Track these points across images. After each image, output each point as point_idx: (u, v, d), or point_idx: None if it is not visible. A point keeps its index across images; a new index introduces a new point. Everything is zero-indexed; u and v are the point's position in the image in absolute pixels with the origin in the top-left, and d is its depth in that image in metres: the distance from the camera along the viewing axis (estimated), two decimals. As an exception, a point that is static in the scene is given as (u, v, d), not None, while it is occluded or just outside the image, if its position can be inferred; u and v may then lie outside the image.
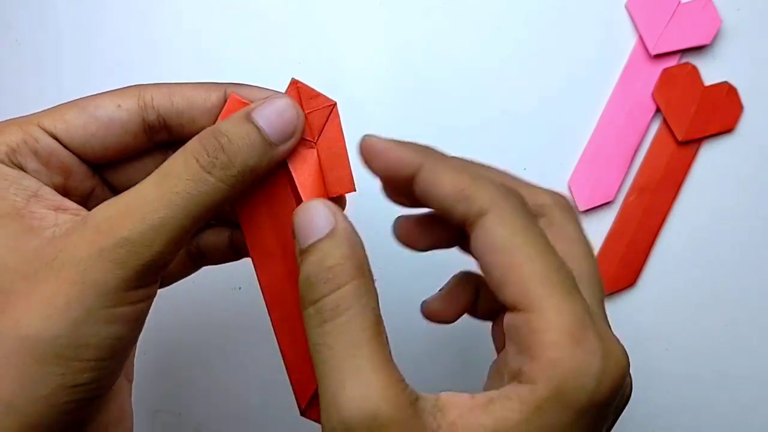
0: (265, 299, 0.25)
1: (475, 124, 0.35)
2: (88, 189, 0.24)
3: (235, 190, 0.21)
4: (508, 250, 0.20)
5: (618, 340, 0.20)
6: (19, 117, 0.23)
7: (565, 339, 0.19)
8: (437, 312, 0.25)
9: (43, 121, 0.22)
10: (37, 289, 0.20)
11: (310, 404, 0.25)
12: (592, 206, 0.35)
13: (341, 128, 0.25)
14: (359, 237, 0.21)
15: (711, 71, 0.35)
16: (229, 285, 0.35)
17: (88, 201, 0.24)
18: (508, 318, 0.20)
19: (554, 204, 0.22)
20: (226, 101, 0.23)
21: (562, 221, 0.22)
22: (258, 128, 0.22)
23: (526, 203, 0.21)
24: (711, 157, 0.36)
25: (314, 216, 0.21)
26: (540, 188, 0.23)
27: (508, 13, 0.36)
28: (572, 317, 0.19)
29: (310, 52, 0.35)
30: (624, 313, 0.35)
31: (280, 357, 0.34)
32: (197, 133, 0.22)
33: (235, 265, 0.34)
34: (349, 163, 0.24)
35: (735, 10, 0.36)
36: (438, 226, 0.23)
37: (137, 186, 0.21)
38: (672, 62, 0.35)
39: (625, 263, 0.35)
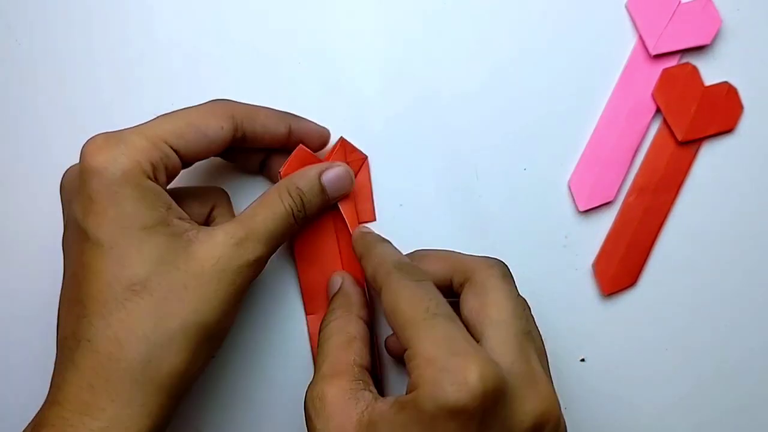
0: (302, 293, 0.34)
1: (474, 124, 0.35)
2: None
3: (300, 224, 0.31)
4: (391, 313, 0.26)
5: (491, 365, 0.24)
6: (140, 126, 0.28)
7: (424, 362, 0.24)
8: (392, 348, 0.33)
9: (170, 139, 0.28)
10: (202, 287, 0.27)
11: None
12: (592, 206, 0.35)
13: (369, 175, 0.35)
14: (361, 289, 0.33)
15: (711, 71, 0.35)
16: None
17: None
18: (405, 358, 0.25)
19: (480, 268, 0.28)
20: (290, 131, 0.32)
21: (484, 280, 0.28)
22: (323, 188, 0.31)
23: (417, 275, 0.28)
24: (711, 157, 0.36)
25: (333, 281, 0.33)
26: (475, 258, 0.29)
27: (509, 13, 0.36)
28: (429, 345, 0.24)
29: (310, 52, 0.35)
30: (624, 313, 0.35)
31: (281, 357, 0.34)
32: (264, 147, 0.32)
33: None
34: (372, 200, 0.35)
35: (735, 10, 0.36)
36: None
37: (248, 211, 0.30)
38: (672, 62, 0.35)
39: (625, 263, 0.35)
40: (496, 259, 0.29)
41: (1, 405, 0.35)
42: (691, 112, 0.35)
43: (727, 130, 0.36)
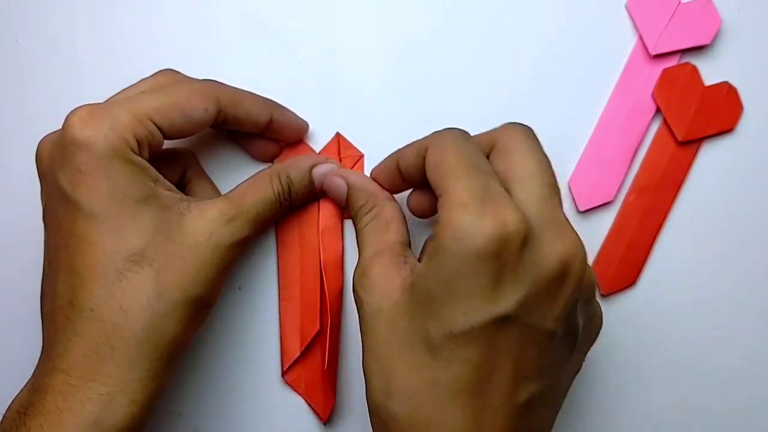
0: (279, 280, 0.35)
1: (474, 124, 0.35)
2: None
3: (285, 211, 0.32)
4: (435, 165, 0.27)
5: (517, 212, 0.25)
6: (125, 100, 0.29)
7: (455, 206, 0.25)
8: (416, 206, 0.32)
9: (155, 117, 0.29)
10: (198, 259, 0.28)
11: (288, 370, 0.34)
12: (592, 206, 0.35)
13: (364, 173, 0.35)
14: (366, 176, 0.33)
15: (711, 71, 0.35)
16: (230, 285, 0.35)
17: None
18: (437, 205, 0.26)
19: (502, 134, 0.29)
20: (272, 120, 0.33)
21: (506, 143, 0.28)
22: (312, 180, 0.33)
23: (468, 137, 0.29)
24: (711, 157, 0.36)
25: (335, 183, 0.33)
26: (498, 127, 0.30)
27: (508, 13, 0.36)
28: (464, 192, 0.25)
29: (310, 52, 0.35)
30: (624, 313, 0.35)
31: (280, 357, 0.34)
32: (243, 130, 0.33)
33: (236, 266, 0.34)
34: None
35: (735, 10, 0.36)
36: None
37: (239, 190, 0.31)
38: (672, 62, 0.35)
39: (625, 263, 0.35)
40: (518, 122, 0.30)
41: None
42: (691, 112, 0.35)
43: (727, 130, 0.36)
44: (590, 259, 0.35)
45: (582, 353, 0.29)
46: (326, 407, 0.34)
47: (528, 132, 0.29)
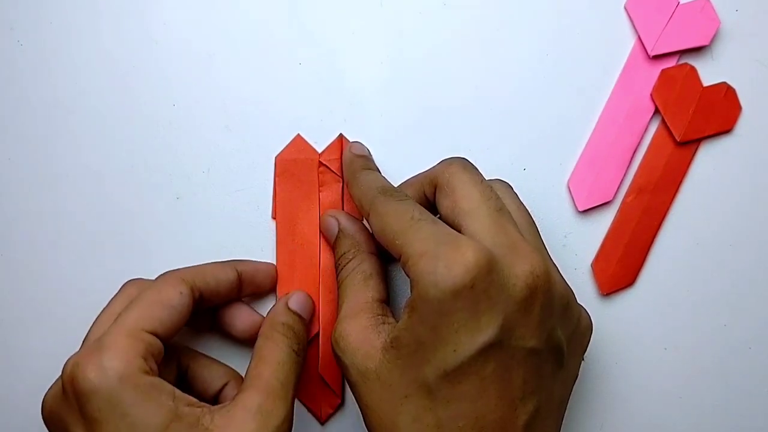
0: (276, 275, 0.35)
1: (474, 124, 0.36)
2: None
3: (303, 357, 0.31)
4: (380, 233, 0.28)
5: (474, 242, 0.26)
6: (112, 327, 0.28)
7: (416, 259, 0.26)
8: None
9: (145, 326, 0.28)
10: None
11: None
12: (591, 206, 0.35)
13: None
14: (358, 224, 0.33)
15: (709, 72, 0.36)
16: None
17: None
18: (401, 264, 0.27)
19: (442, 171, 0.30)
20: (239, 274, 0.32)
21: (448, 180, 0.29)
22: (298, 313, 0.32)
23: (402, 189, 0.31)
24: (709, 157, 0.36)
25: (328, 224, 0.34)
26: (436, 165, 0.31)
27: (507, 14, 0.36)
28: (418, 244, 0.26)
29: (310, 52, 0.35)
30: (623, 313, 0.36)
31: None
32: (220, 301, 0.32)
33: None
34: None
35: (733, 11, 0.36)
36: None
37: (253, 374, 0.29)
38: (671, 63, 0.36)
39: (623, 263, 0.35)
40: (454, 157, 0.31)
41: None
42: (689, 112, 0.35)
43: (726, 130, 0.36)
44: (589, 259, 0.35)
45: (575, 361, 0.30)
46: (324, 408, 0.34)
47: (465, 164, 0.30)
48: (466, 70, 0.36)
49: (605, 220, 0.36)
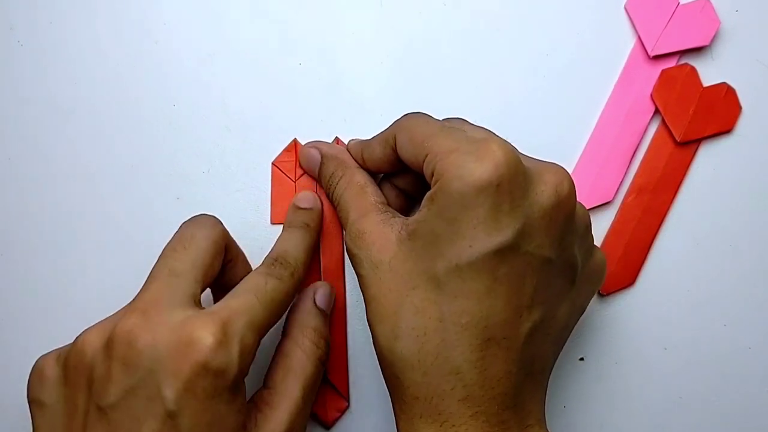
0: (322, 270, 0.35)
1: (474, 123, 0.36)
2: None
3: (326, 364, 0.31)
4: (408, 140, 0.29)
5: (506, 146, 0.26)
6: (234, 309, 0.27)
7: (446, 154, 0.26)
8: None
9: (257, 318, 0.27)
10: None
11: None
12: (591, 206, 0.35)
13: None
14: (340, 147, 0.34)
15: (710, 72, 0.36)
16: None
17: None
18: (423, 168, 0.28)
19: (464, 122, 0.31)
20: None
21: (452, 122, 0.30)
22: (323, 310, 0.32)
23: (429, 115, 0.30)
24: (709, 157, 0.36)
25: (310, 154, 0.34)
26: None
27: (507, 14, 0.36)
28: (449, 141, 0.27)
29: (310, 52, 0.35)
30: (623, 313, 0.36)
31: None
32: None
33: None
34: None
35: (733, 11, 0.36)
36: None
37: (280, 389, 0.29)
38: (671, 63, 0.36)
39: (623, 263, 0.35)
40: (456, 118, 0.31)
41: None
42: (689, 112, 0.35)
43: (726, 130, 0.36)
44: (589, 259, 0.35)
45: (586, 289, 0.30)
46: (331, 413, 0.34)
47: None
48: (466, 70, 0.36)
49: (605, 220, 0.36)
